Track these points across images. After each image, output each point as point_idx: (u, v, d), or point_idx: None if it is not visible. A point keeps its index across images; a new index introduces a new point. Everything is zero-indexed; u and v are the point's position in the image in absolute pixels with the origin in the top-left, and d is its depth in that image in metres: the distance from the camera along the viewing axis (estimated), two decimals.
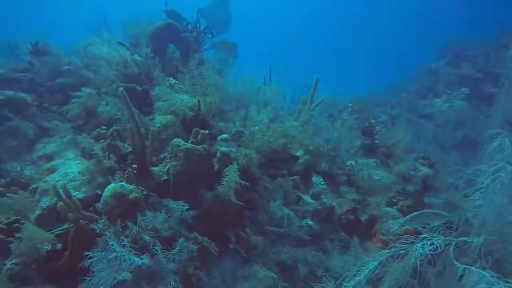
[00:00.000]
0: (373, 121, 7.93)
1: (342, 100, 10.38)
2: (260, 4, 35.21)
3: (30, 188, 4.38)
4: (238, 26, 8.28)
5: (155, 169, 4.16)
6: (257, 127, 4.48)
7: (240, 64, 9.12)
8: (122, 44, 6.11)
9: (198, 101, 4.78)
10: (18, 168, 4.82)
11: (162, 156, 4.49)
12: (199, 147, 3.87)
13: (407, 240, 3.28)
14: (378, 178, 5.56)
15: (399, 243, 3.30)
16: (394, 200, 4.99)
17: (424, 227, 4.09)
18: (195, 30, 7.29)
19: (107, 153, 4.10)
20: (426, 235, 3.27)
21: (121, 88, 3.94)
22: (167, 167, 4.10)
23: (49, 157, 5.23)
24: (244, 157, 4.18)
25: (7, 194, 4.04)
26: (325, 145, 5.97)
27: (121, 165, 3.87)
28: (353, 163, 6.05)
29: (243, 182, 3.76)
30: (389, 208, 4.72)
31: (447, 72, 14.36)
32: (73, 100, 5.57)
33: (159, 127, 4.64)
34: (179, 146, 3.83)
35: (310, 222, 4.31)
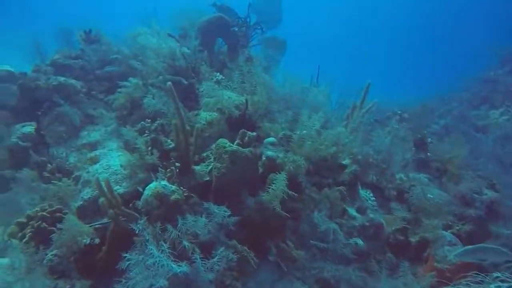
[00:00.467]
0: (425, 131, 7.36)
1: (389, 106, 9.81)
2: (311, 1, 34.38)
3: (73, 175, 4.39)
4: (287, 21, 7.95)
5: (197, 168, 3.99)
6: (306, 132, 4.17)
7: (286, 61, 8.83)
8: (171, 36, 6.02)
9: (246, 100, 4.55)
10: (64, 155, 4.86)
11: (204, 154, 4.31)
12: (246, 150, 3.65)
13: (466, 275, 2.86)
14: (431, 196, 5.08)
15: (464, 281, 2.89)
16: (450, 223, 4.50)
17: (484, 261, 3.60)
18: (245, 24, 7.08)
19: (150, 148, 3.98)
20: (498, 274, 2.84)
21: (169, 83, 3.80)
22: (210, 167, 3.91)
23: (93, 146, 5.25)
24: (291, 163, 3.90)
25: (52, 181, 4.05)
26: (375, 155, 5.56)
27: (164, 163, 3.72)
28: (403, 177, 5.59)
29: (290, 193, 3.48)
30: (445, 232, 4.25)
31: (508, 82, 13.16)
32: (119, 90, 5.55)
33: (203, 124, 4.47)
34: (224, 147, 3.62)
35: (360, 242, 3.95)
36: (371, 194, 4.85)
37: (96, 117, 5.77)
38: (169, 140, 4.34)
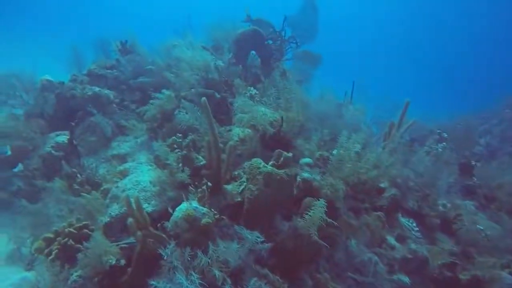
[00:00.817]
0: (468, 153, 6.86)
1: (423, 123, 9.29)
2: (347, 14, 33.89)
3: (102, 188, 4.31)
4: (323, 35, 7.74)
5: (228, 187, 3.79)
6: (345, 154, 3.89)
7: (319, 75, 8.58)
8: (206, 49, 5.95)
9: (282, 117, 4.34)
10: (94, 165, 4.81)
11: (236, 173, 4.11)
12: (281, 171, 3.41)
13: None
14: (481, 228, 4.62)
15: None
16: (508, 262, 4.03)
17: None
18: (279, 38, 6.93)
19: (180, 164, 3.83)
20: None
21: (203, 98, 3.65)
22: (241, 187, 3.70)
23: (122, 158, 5.20)
24: (329, 187, 3.63)
25: (81, 194, 3.98)
26: (415, 179, 5.17)
27: (196, 183, 3.55)
28: (448, 204, 5.14)
29: (329, 220, 3.21)
30: (503, 273, 3.80)
31: None
32: (151, 101, 5.50)
33: (236, 141, 4.28)
34: (259, 167, 3.41)
35: (405, 279, 3.59)
36: (414, 223, 4.46)
37: (128, 128, 5.73)
38: (200, 157, 4.18)
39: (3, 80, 6.75)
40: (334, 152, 4.17)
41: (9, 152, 5.24)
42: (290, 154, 3.72)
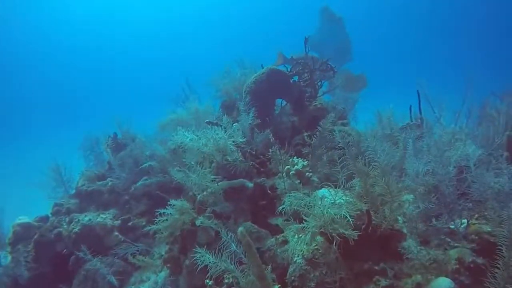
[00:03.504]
0: None
1: None
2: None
3: None
4: (359, 49, 5.76)
5: None
6: None
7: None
8: (212, 124, 4.11)
9: (367, 211, 2.34)
10: None
11: None
12: None
13: None
14: None
15: None
16: None
17: None
18: (307, 69, 5.04)
19: None
20: None
21: (241, 229, 1.99)
22: None
23: None
24: None
25: None
26: None
27: None
28: None
29: None
30: None
31: None
32: (158, 219, 3.65)
33: (300, 264, 2.30)
34: None
35: None
36: None
37: (139, 265, 3.91)
38: None
39: None
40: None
41: None
42: None
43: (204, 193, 3.70)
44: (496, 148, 4.00)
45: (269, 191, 3.80)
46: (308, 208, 2.67)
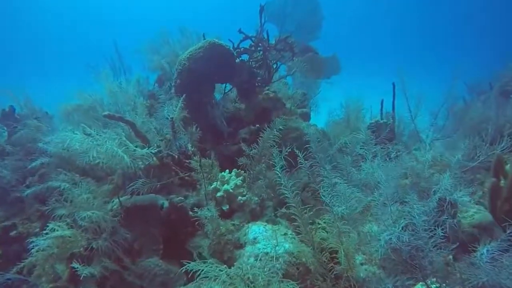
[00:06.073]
0: None
1: None
2: None
3: None
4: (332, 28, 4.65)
5: None
6: None
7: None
8: (111, 117, 2.89)
9: None
10: None
11: None
12: None
13: None
14: None
15: None
16: None
17: None
18: (260, 46, 3.88)
19: None
20: None
21: None
22: None
23: None
24: None
25: None
26: None
27: None
28: None
29: None
30: None
31: None
32: (31, 253, 2.55)
33: None
34: None
35: None
36: None
37: None
38: None
39: None
40: None
41: None
42: None
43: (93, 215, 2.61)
44: (475, 168, 3.19)
45: (191, 213, 2.79)
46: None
